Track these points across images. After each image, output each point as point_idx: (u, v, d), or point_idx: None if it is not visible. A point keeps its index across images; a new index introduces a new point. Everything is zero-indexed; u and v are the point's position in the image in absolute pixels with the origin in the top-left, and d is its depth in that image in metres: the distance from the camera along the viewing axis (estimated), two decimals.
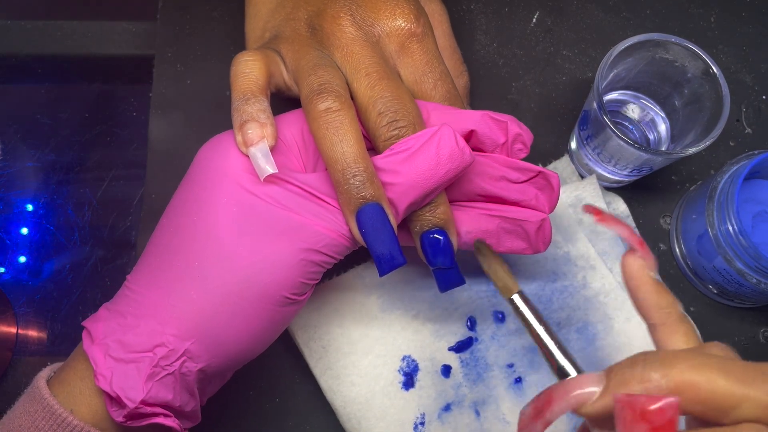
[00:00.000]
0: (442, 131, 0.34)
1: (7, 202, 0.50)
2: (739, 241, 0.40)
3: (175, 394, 0.33)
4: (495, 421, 0.43)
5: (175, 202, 0.35)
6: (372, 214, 0.33)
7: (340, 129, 0.33)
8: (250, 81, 0.35)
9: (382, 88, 0.35)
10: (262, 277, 0.33)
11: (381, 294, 0.44)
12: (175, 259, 0.33)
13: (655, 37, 0.42)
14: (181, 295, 0.33)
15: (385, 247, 0.33)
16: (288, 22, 0.39)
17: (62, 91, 0.53)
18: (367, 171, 0.33)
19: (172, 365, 0.32)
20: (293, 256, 0.33)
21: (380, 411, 0.42)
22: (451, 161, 0.33)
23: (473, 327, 0.44)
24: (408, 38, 0.37)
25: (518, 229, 0.38)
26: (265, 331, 0.35)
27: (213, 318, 0.33)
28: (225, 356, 0.34)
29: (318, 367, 0.43)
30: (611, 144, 0.42)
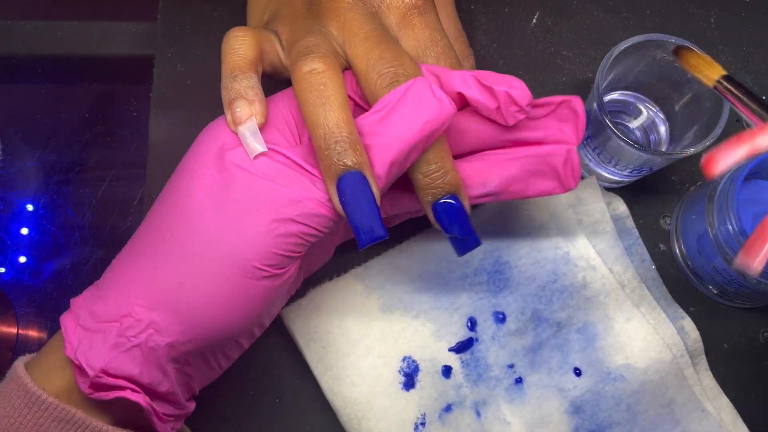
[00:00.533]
0: (415, 83, 0.32)
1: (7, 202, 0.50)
2: (739, 241, 0.40)
3: (142, 369, 0.32)
4: (496, 421, 0.43)
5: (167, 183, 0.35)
6: (353, 182, 0.31)
7: (324, 92, 0.32)
8: (238, 57, 0.34)
9: (382, 49, 0.34)
10: (232, 244, 0.31)
11: (381, 294, 0.44)
12: (150, 231, 0.33)
13: (655, 38, 0.42)
14: (151, 265, 0.32)
15: (365, 218, 0.32)
16: (286, 2, 0.38)
17: (62, 91, 0.53)
18: (350, 137, 0.31)
19: (137, 336, 0.31)
20: (264, 225, 0.31)
21: (381, 412, 0.42)
22: (428, 113, 0.32)
23: (473, 327, 0.44)
24: (409, 10, 0.36)
25: (544, 168, 0.35)
26: (240, 306, 0.33)
27: (182, 288, 0.32)
28: (197, 331, 0.32)
29: (318, 367, 0.43)
30: (611, 144, 0.42)
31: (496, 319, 0.44)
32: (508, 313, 0.44)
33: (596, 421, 0.43)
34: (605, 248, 0.46)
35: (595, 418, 0.43)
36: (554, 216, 0.46)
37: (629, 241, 0.47)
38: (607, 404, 0.43)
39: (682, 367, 0.44)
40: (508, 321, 0.44)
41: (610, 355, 0.44)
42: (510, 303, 0.44)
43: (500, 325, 0.44)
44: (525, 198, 0.37)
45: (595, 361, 0.44)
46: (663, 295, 0.46)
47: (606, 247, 0.46)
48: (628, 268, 0.45)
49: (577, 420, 0.43)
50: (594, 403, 0.43)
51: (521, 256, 0.45)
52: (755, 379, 0.46)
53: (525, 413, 0.43)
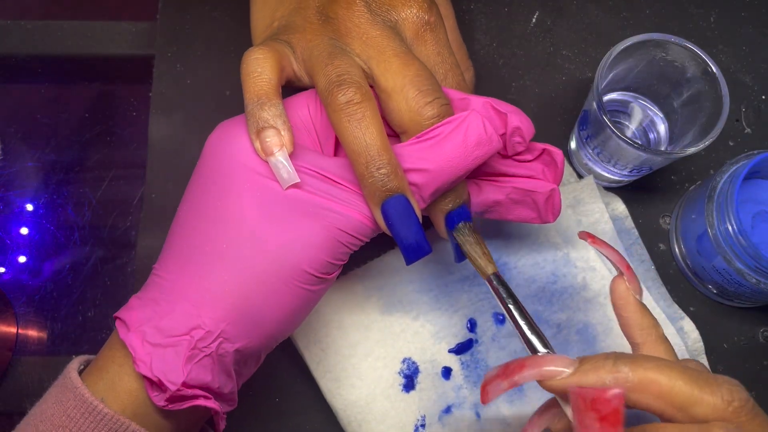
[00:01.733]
0: (470, 118, 0.34)
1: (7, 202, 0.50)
2: (738, 240, 0.40)
3: (213, 376, 0.33)
4: (495, 422, 0.43)
5: (194, 192, 0.35)
6: (397, 205, 0.33)
7: (363, 121, 0.33)
8: (263, 82, 0.34)
9: (416, 67, 0.35)
10: (293, 256, 0.33)
11: (381, 296, 0.44)
12: (203, 244, 0.34)
13: (655, 37, 0.42)
14: (214, 277, 0.33)
15: (411, 237, 0.34)
16: (299, 11, 0.38)
17: (62, 91, 0.53)
18: (390, 163, 0.33)
19: (209, 347, 0.33)
20: (322, 236, 0.33)
21: (381, 413, 0.42)
22: (479, 148, 0.34)
23: (473, 329, 0.44)
24: (422, 27, 0.37)
25: (527, 200, 0.38)
26: (297, 310, 0.35)
27: (246, 298, 0.33)
28: (260, 335, 0.34)
29: (318, 369, 0.43)
30: (611, 144, 0.42)
31: (496, 321, 0.44)
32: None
33: None
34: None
35: None
36: None
37: (629, 241, 0.47)
38: None
39: None
40: (508, 322, 0.44)
41: None
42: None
43: (500, 326, 0.44)
44: (504, 219, 0.40)
45: None
46: (662, 296, 0.46)
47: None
48: None
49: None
50: None
51: (521, 257, 0.45)
52: (755, 378, 0.46)
53: (525, 415, 0.43)
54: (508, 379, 0.31)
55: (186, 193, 0.36)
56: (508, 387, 0.31)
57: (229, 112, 0.36)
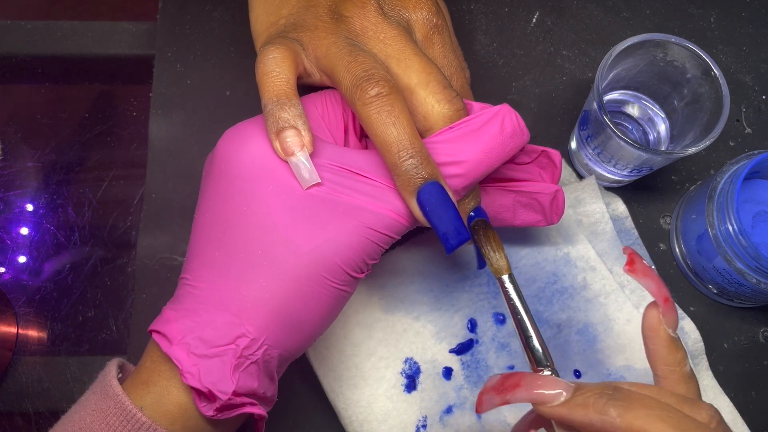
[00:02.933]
0: (505, 109, 0.34)
1: (7, 202, 0.50)
2: (739, 241, 0.40)
3: (259, 382, 0.33)
4: (496, 423, 0.43)
5: (214, 199, 0.35)
6: (433, 192, 0.33)
7: (393, 112, 0.33)
8: (281, 82, 0.34)
9: (434, 65, 0.36)
10: (328, 257, 0.33)
11: (383, 296, 0.44)
12: (235, 252, 0.33)
13: (655, 38, 0.42)
14: (252, 284, 0.33)
15: (450, 224, 0.33)
16: (309, 9, 0.38)
17: (62, 91, 0.53)
18: (422, 151, 0.33)
19: (255, 354, 0.33)
20: (356, 236, 0.33)
21: (383, 413, 0.42)
22: (514, 139, 0.34)
23: (474, 329, 0.44)
24: (431, 29, 0.38)
25: (533, 203, 0.39)
26: (333, 310, 0.35)
27: (286, 303, 0.33)
28: (302, 338, 0.34)
29: (321, 368, 0.43)
30: (611, 144, 0.42)
31: (496, 321, 0.44)
32: (508, 315, 0.44)
33: None
34: (605, 249, 0.46)
35: None
36: None
37: (629, 241, 0.47)
38: None
39: None
40: (509, 322, 0.44)
41: (610, 357, 0.44)
42: None
43: (500, 326, 0.44)
44: (511, 226, 0.40)
45: (595, 362, 0.44)
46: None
47: (606, 248, 0.46)
48: None
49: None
50: None
51: (521, 257, 0.45)
52: (755, 378, 0.46)
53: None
54: (500, 396, 0.31)
55: (203, 200, 0.35)
56: (500, 403, 0.31)
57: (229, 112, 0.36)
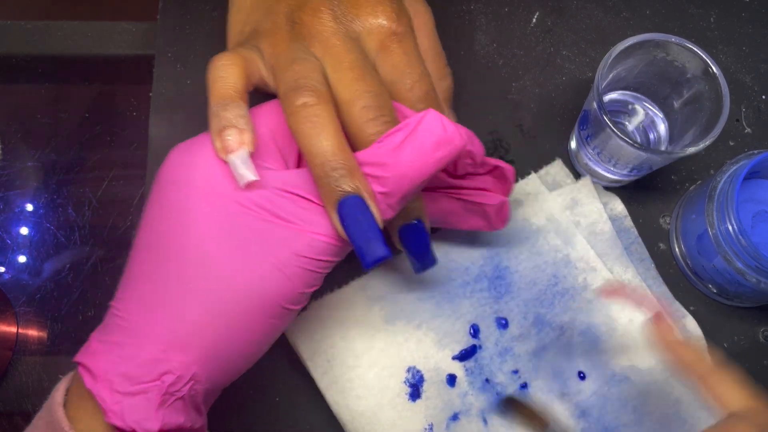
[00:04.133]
0: (427, 118, 0.33)
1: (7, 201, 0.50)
2: (738, 240, 0.40)
3: (186, 416, 0.32)
4: (503, 429, 0.42)
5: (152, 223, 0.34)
6: (352, 205, 0.32)
7: (318, 123, 0.32)
8: (227, 86, 0.34)
9: (366, 83, 0.34)
10: (262, 291, 0.32)
11: (384, 305, 0.44)
12: (166, 281, 0.32)
13: (655, 37, 0.42)
14: (179, 318, 0.32)
15: (366, 240, 0.32)
16: (268, 16, 0.38)
17: (62, 91, 0.53)
18: (347, 164, 0.32)
19: (181, 390, 0.32)
20: (290, 267, 0.32)
21: (388, 424, 0.42)
22: (439, 148, 0.32)
23: (476, 335, 0.44)
24: (388, 37, 0.37)
25: (479, 211, 0.40)
26: (265, 341, 0.35)
27: (215, 337, 0.32)
28: (230, 371, 0.34)
29: (323, 381, 0.42)
30: (611, 144, 0.42)
31: (498, 325, 0.44)
32: (510, 319, 0.44)
33: (603, 423, 0.43)
34: (604, 249, 0.46)
35: (602, 421, 0.43)
36: (551, 219, 0.46)
37: (628, 240, 0.47)
38: (614, 407, 0.43)
39: None
40: (511, 326, 0.44)
41: (614, 357, 0.44)
42: (512, 308, 0.44)
43: (503, 330, 0.44)
44: (458, 228, 0.42)
45: (599, 363, 0.44)
46: (664, 294, 0.46)
47: (605, 248, 0.46)
48: (628, 268, 0.45)
49: (584, 423, 0.43)
50: (600, 406, 0.43)
51: (521, 260, 0.45)
52: (755, 378, 0.45)
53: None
54: None
55: (143, 223, 0.34)
56: None
57: None
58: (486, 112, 0.50)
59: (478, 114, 0.50)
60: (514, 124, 0.50)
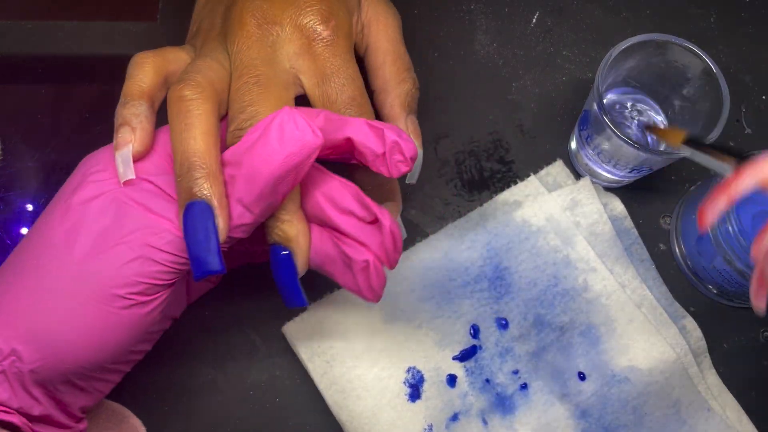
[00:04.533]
0: (279, 114, 0.31)
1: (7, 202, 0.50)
2: (739, 241, 0.40)
3: (10, 394, 0.32)
4: (503, 429, 0.42)
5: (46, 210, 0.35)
6: (196, 211, 0.31)
7: (187, 118, 0.32)
8: (133, 84, 0.35)
9: (243, 92, 0.34)
10: (95, 274, 0.31)
11: (383, 306, 0.44)
12: (16, 260, 0.33)
13: (655, 38, 0.42)
14: (13, 293, 0.32)
15: (200, 249, 0.31)
16: (210, 14, 0.38)
17: (62, 91, 0.53)
18: (204, 166, 0.31)
19: (1, 364, 0.31)
20: (129, 253, 0.32)
21: (388, 424, 0.42)
22: (291, 145, 0.31)
23: (476, 335, 0.44)
24: (312, 39, 0.36)
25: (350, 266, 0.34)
26: (104, 334, 0.32)
27: (42, 317, 0.32)
28: (59, 358, 0.32)
29: (323, 382, 0.42)
30: (611, 144, 0.42)
31: (498, 326, 0.44)
32: (510, 319, 0.44)
33: (603, 424, 0.43)
34: (604, 249, 0.46)
35: (602, 421, 0.43)
36: (551, 220, 0.46)
37: (628, 241, 0.47)
38: (613, 407, 0.43)
39: (686, 366, 0.44)
40: (511, 327, 0.44)
41: (614, 358, 0.44)
42: (512, 309, 0.44)
43: (503, 331, 0.44)
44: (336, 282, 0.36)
45: (599, 364, 0.44)
46: (664, 295, 0.46)
47: (605, 248, 0.46)
48: (628, 269, 0.45)
49: (584, 424, 0.43)
50: (600, 407, 0.43)
51: (521, 261, 0.45)
52: (755, 378, 0.46)
53: (532, 420, 0.43)
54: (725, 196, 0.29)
55: None
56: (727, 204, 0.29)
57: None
58: (486, 112, 0.50)
59: (478, 114, 0.50)
60: (514, 124, 0.50)
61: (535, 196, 0.46)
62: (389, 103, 0.39)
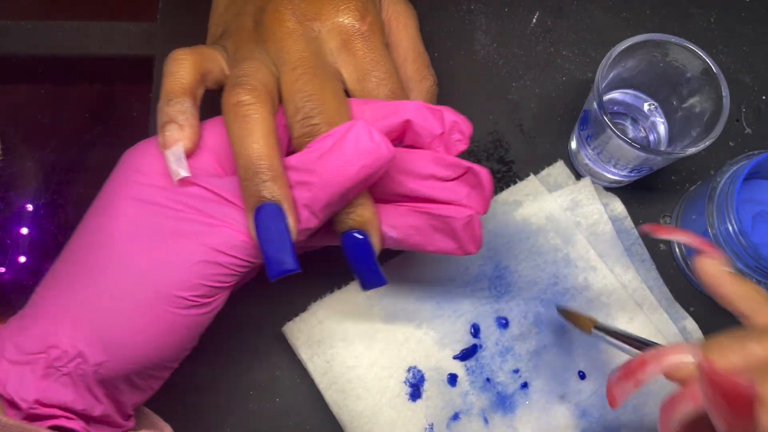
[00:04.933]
0: (355, 126, 0.32)
1: (7, 202, 0.50)
2: (738, 241, 0.40)
3: (75, 396, 0.32)
4: (503, 428, 0.42)
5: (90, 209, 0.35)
6: (268, 214, 0.32)
7: (248, 123, 0.32)
8: (175, 81, 0.34)
9: (303, 82, 0.34)
10: (158, 277, 0.32)
11: (383, 305, 0.44)
12: (75, 262, 0.33)
13: (655, 37, 0.42)
14: (77, 296, 0.32)
15: (276, 250, 0.32)
16: (237, 16, 0.38)
17: (62, 91, 0.53)
18: (270, 169, 0.32)
19: (66, 366, 0.32)
20: (194, 257, 0.32)
21: (388, 424, 0.42)
22: (365, 157, 0.32)
23: (477, 334, 0.44)
24: (351, 35, 0.36)
25: (446, 227, 0.35)
26: (166, 334, 0.33)
27: (107, 319, 0.32)
28: (123, 359, 0.33)
29: (323, 381, 0.42)
30: (611, 144, 0.42)
31: (499, 325, 0.44)
32: (510, 318, 0.44)
33: (603, 423, 0.43)
34: (605, 249, 0.46)
35: (602, 420, 0.43)
36: (551, 219, 0.46)
37: (629, 241, 0.47)
38: None
39: None
40: (512, 326, 0.44)
41: (614, 357, 0.44)
42: (512, 308, 0.44)
43: (503, 330, 0.44)
44: (425, 252, 0.37)
45: (599, 363, 0.44)
46: (664, 295, 0.46)
47: (606, 248, 0.46)
48: (629, 269, 0.45)
49: (584, 423, 0.43)
50: (601, 406, 0.43)
51: (521, 260, 0.45)
52: None
53: (532, 418, 0.43)
54: (632, 380, 0.30)
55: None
56: (634, 388, 0.30)
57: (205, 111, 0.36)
58: (486, 112, 0.50)
59: (478, 114, 0.50)
60: (514, 124, 0.50)
61: (535, 195, 0.46)
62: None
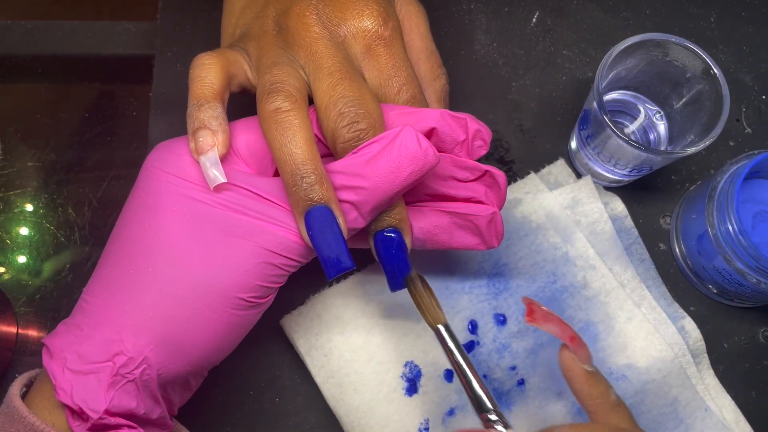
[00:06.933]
0: (404, 132, 0.33)
1: (7, 202, 0.50)
2: (739, 240, 0.40)
3: (138, 402, 0.32)
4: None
5: (126, 210, 0.35)
6: (319, 216, 0.32)
7: (289, 129, 0.33)
8: (204, 86, 0.34)
9: (344, 87, 0.34)
10: (219, 280, 0.32)
11: (382, 300, 0.44)
12: (127, 267, 0.33)
13: (655, 37, 0.42)
14: (136, 301, 0.32)
15: (331, 250, 0.33)
16: (257, 19, 0.38)
17: (62, 91, 0.53)
18: (316, 172, 0.32)
19: (132, 372, 0.32)
20: (251, 259, 0.33)
21: (384, 418, 0.42)
22: (414, 162, 0.33)
23: (474, 330, 0.44)
24: (374, 40, 0.36)
25: (470, 224, 0.37)
26: (225, 335, 0.34)
27: (170, 323, 0.32)
28: (185, 361, 0.33)
29: (320, 375, 0.43)
30: (611, 144, 0.42)
31: (497, 321, 0.44)
32: (508, 315, 0.44)
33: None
34: (604, 248, 0.46)
35: None
36: (551, 217, 0.46)
37: (628, 240, 0.47)
38: None
39: (684, 366, 0.44)
40: (509, 323, 0.44)
41: (611, 356, 0.44)
42: (510, 305, 0.44)
43: (501, 327, 0.44)
44: (449, 249, 0.39)
45: (596, 361, 0.43)
46: (663, 295, 0.46)
47: (605, 247, 0.46)
48: (628, 268, 0.45)
49: (581, 421, 0.43)
50: None
51: (520, 257, 0.45)
52: (755, 378, 0.46)
53: (529, 415, 0.43)
54: None
55: (121, 213, 0.35)
56: None
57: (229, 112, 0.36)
58: (486, 112, 0.50)
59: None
60: (514, 124, 0.50)
61: (535, 193, 0.46)
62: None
